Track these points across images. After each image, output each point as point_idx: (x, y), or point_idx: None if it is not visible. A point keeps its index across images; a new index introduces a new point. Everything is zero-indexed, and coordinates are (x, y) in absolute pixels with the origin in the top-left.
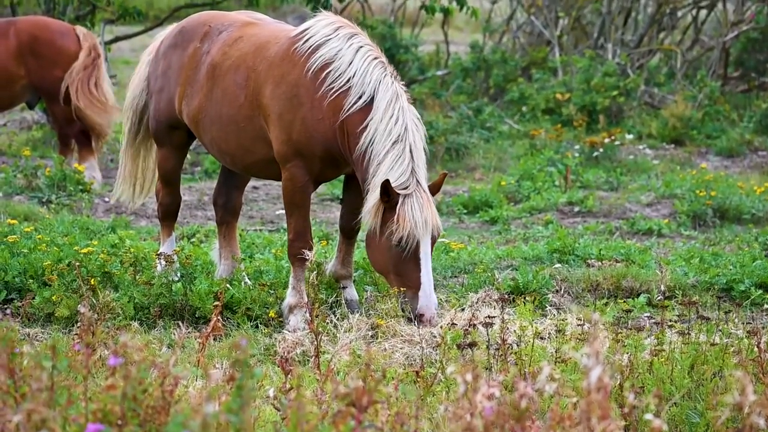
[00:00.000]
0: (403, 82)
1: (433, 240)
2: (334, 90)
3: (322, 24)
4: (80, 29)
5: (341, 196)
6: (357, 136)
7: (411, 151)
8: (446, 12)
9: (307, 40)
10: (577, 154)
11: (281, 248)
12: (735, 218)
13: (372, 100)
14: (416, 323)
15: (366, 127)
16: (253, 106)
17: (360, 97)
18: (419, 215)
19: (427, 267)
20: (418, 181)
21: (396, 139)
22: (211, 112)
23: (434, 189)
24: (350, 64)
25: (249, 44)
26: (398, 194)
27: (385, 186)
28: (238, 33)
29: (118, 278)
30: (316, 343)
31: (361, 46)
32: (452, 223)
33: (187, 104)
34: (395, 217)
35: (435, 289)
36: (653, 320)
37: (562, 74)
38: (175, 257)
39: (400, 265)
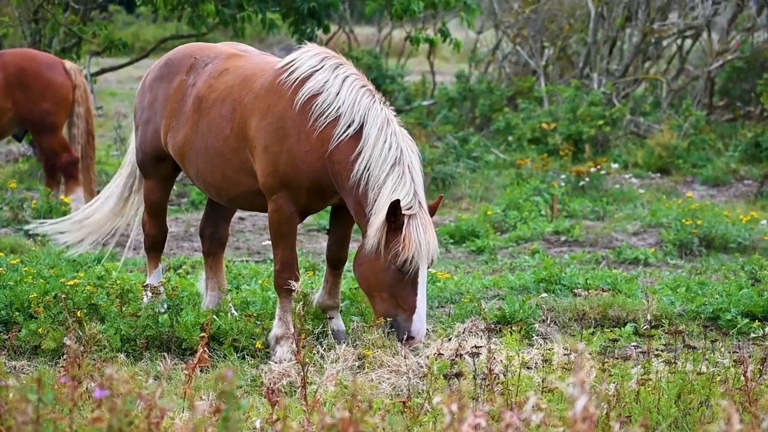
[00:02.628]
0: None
1: (429, 263)
2: (322, 121)
3: (307, 56)
4: (68, 63)
5: (328, 227)
6: (350, 164)
7: (410, 173)
8: (431, 43)
9: (292, 72)
10: (563, 184)
11: (268, 279)
12: (721, 247)
13: (362, 127)
14: (403, 345)
15: (359, 154)
16: (239, 138)
17: (349, 126)
18: (423, 237)
19: (423, 291)
20: (420, 203)
21: (393, 162)
22: (197, 144)
23: (431, 211)
24: (338, 94)
25: (234, 77)
26: (404, 215)
27: (394, 206)
28: (224, 65)
29: (104, 310)
30: (302, 373)
31: (348, 76)
32: (438, 253)
33: (173, 137)
34: (401, 238)
35: None
36: (640, 349)
37: (547, 104)
38: (162, 289)
39: (396, 287)
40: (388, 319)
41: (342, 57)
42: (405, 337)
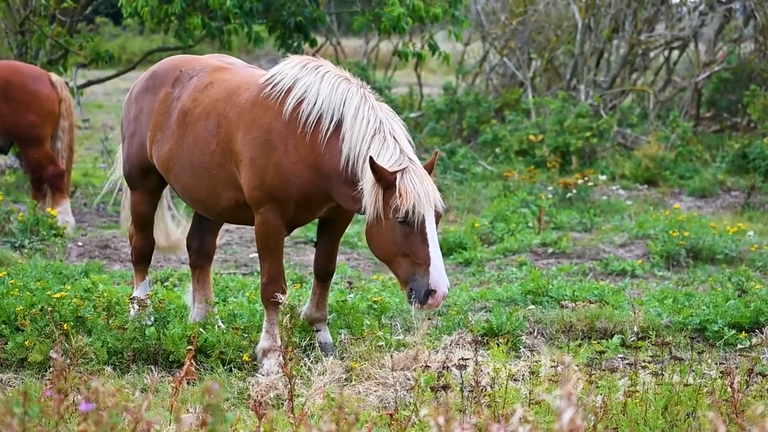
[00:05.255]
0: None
1: (437, 216)
2: (310, 124)
3: (289, 66)
4: (54, 76)
5: (315, 240)
6: (339, 155)
7: (393, 136)
8: (419, 57)
9: (275, 85)
10: (550, 196)
11: (255, 292)
12: (708, 258)
13: (342, 115)
14: (423, 304)
15: (343, 140)
16: (224, 152)
17: (332, 119)
18: (420, 187)
19: (434, 241)
20: (409, 158)
21: (374, 132)
22: (183, 159)
23: (428, 168)
24: (318, 93)
25: (219, 90)
26: (391, 172)
27: (372, 163)
28: (209, 78)
29: (91, 323)
30: (289, 386)
31: (327, 72)
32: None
33: (158, 150)
34: (397, 192)
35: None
36: (627, 361)
37: (535, 116)
38: (149, 301)
39: (407, 244)
40: (411, 290)
41: (322, 59)
42: (425, 293)
